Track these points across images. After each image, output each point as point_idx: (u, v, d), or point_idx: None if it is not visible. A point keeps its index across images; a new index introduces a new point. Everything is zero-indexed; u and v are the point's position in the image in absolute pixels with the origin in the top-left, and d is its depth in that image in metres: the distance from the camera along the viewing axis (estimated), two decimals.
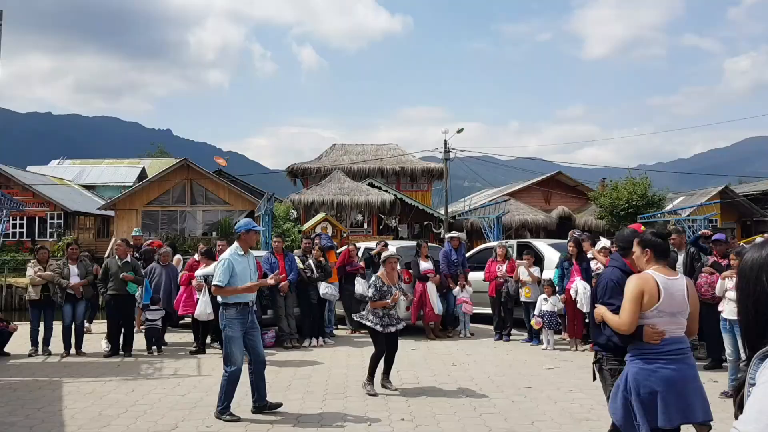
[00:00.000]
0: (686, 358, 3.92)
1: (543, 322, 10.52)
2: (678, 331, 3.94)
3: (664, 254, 4.04)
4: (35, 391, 7.68)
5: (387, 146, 37.20)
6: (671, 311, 3.88)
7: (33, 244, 28.01)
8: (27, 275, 10.31)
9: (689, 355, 3.96)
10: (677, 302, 3.90)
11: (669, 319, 3.89)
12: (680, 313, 3.93)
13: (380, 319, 7.41)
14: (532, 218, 31.33)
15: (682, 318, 3.95)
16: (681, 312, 3.93)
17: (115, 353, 10.07)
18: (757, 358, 1.63)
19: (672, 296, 3.89)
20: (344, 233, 25.57)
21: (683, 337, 3.97)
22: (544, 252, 12.50)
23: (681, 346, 3.92)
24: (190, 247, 23.47)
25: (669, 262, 4.12)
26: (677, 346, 3.90)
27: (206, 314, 9.96)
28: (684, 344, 3.96)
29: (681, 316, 3.94)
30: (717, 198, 32.77)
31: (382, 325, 7.39)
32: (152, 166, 45.43)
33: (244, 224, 6.87)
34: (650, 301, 3.87)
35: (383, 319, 7.42)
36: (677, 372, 3.84)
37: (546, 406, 6.85)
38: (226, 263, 6.60)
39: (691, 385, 3.86)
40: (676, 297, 3.90)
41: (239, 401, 7.07)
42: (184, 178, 30.40)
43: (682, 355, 3.91)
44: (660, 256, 4.02)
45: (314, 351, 10.48)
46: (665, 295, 3.86)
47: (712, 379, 7.95)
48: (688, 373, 3.88)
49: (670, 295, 3.88)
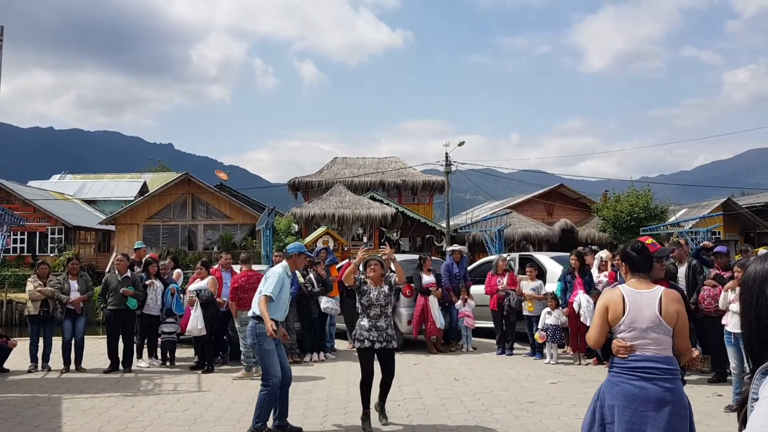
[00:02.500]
0: (658, 379, 3.64)
1: (546, 336, 10.45)
2: (650, 348, 3.70)
3: (638, 268, 3.92)
4: (34, 408, 7.62)
5: (388, 159, 37.24)
6: (640, 326, 3.73)
7: (34, 259, 28.00)
8: (27, 290, 10.28)
9: (666, 378, 3.65)
10: (645, 316, 3.73)
11: (638, 334, 3.73)
12: (651, 329, 3.71)
13: (368, 332, 6.44)
14: (534, 231, 31.27)
15: (655, 334, 3.70)
16: (653, 327, 3.71)
17: (114, 369, 10.02)
18: (760, 372, 1.61)
19: (639, 310, 3.75)
20: (346, 247, 25.53)
21: (661, 356, 3.69)
22: (546, 265, 12.45)
23: (653, 365, 3.67)
24: (192, 262, 23.42)
25: (650, 276, 3.95)
26: (648, 364, 3.68)
27: (197, 329, 9.93)
28: (659, 364, 3.67)
29: (654, 332, 3.71)
30: (720, 210, 32.72)
31: (370, 340, 6.40)
32: (153, 181, 45.55)
33: (297, 247, 7.05)
34: (615, 315, 3.80)
35: (371, 332, 6.43)
36: (640, 390, 3.64)
37: (549, 420, 6.77)
38: (279, 277, 6.62)
39: (652, 408, 3.59)
40: (644, 311, 3.74)
41: (239, 417, 7.01)
42: (186, 192, 30.43)
43: (653, 375, 3.65)
44: (635, 269, 3.93)
45: (315, 366, 10.41)
46: (631, 309, 3.76)
47: (716, 392, 7.89)
48: (654, 395, 3.61)
49: (637, 308, 3.76)
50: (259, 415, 6.30)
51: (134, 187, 44.34)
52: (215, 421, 6.93)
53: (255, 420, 6.31)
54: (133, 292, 10.09)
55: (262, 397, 6.32)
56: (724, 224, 33.06)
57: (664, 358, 3.70)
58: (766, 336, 1.67)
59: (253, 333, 6.51)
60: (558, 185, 38.11)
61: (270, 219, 20.53)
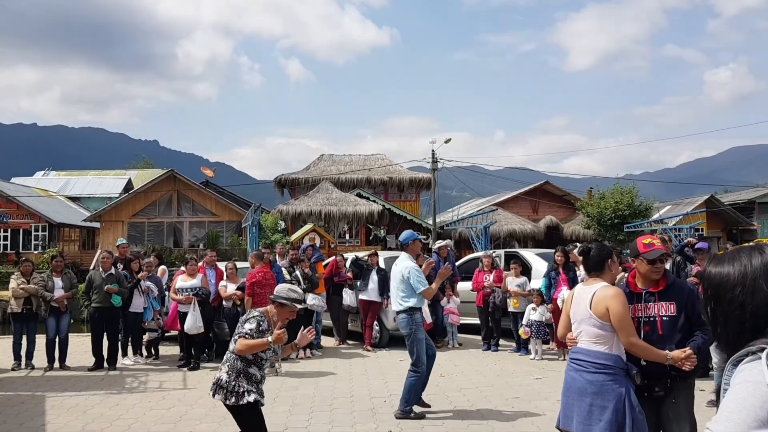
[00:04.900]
0: (584, 371, 3.86)
1: (531, 332, 10.51)
2: (583, 341, 3.93)
3: (588, 268, 4.18)
4: (18, 406, 7.57)
5: (375, 156, 37.21)
6: (577, 319, 4.00)
7: (17, 257, 27.71)
8: (10, 288, 10.18)
9: (590, 371, 3.84)
10: (580, 310, 3.97)
11: (576, 327, 4.02)
12: (584, 321, 3.92)
13: (256, 388, 4.62)
14: (519, 228, 31.41)
15: (586, 326, 3.90)
16: (584, 320, 3.91)
17: (99, 367, 9.96)
18: (731, 363, 1.66)
19: (577, 304, 4.02)
20: (332, 244, 25.51)
21: (590, 350, 3.88)
22: (531, 262, 12.51)
23: (582, 357, 3.90)
24: (177, 259, 23.31)
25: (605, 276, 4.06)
26: (578, 356, 3.95)
27: (196, 328, 9.88)
28: (587, 357, 3.87)
29: (585, 324, 3.91)
30: (703, 207, 33.04)
31: (259, 394, 4.64)
32: (138, 178, 45.17)
33: (410, 235, 7.30)
34: (566, 310, 4.16)
35: (259, 387, 4.67)
36: (570, 380, 3.95)
37: (534, 416, 6.83)
38: (419, 270, 7.01)
39: (576, 397, 3.87)
40: (580, 305, 3.99)
41: (225, 414, 6.99)
42: (171, 189, 30.25)
43: (580, 366, 3.89)
44: (586, 269, 4.24)
45: (301, 362, 10.40)
46: (573, 303, 4.07)
47: (699, 387, 7.95)
48: (577, 386, 3.87)
49: (576, 303, 4.03)
50: (407, 399, 6.77)
51: (119, 184, 43.95)
52: (200, 418, 6.91)
53: (404, 404, 6.78)
54: (117, 290, 10.02)
55: (412, 382, 6.80)
56: (708, 221, 33.39)
57: (593, 351, 3.88)
58: (749, 328, 1.70)
59: (410, 324, 6.89)
60: (543, 182, 38.28)
61: (256, 216, 20.49)
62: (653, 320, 3.98)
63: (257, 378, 4.64)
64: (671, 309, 3.95)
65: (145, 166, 62.34)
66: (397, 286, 7.06)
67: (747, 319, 1.70)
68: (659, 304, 3.99)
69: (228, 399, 4.50)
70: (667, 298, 3.98)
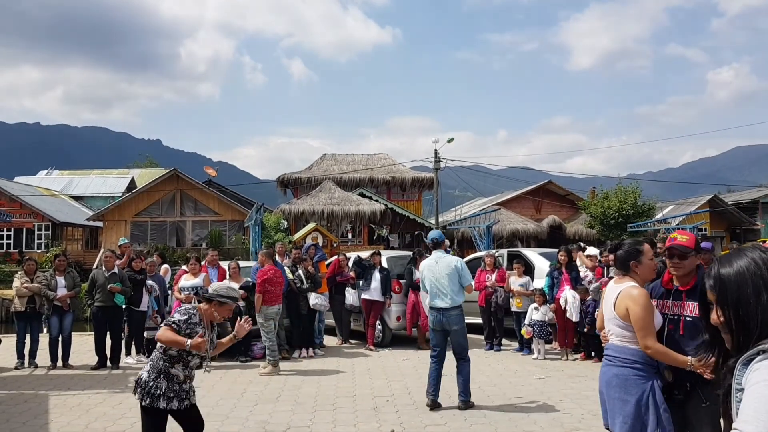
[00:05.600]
0: (611, 365, 3.95)
1: (533, 332, 10.50)
2: (612, 337, 4.01)
3: (617, 266, 4.21)
4: (21, 405, 7.58)
5: (377, 156, 37.22)
6: (606, 317, 4.07)
7: (20, 256, 27.75)
8: (13, 287, 10.20)
9: (617, 365, 3.89)
10: (606, 309, 4.06)
11: (606, 324, 4.07)
12: (611, 320, 3.99)
13: (178, 389, 4.46)
14: (522, 227, 31.38)
15: (612, 325, 3.97)
16: (611, 319, 3.98)
17: (102, 365, 9.98)
18: (741, 363, 1.66)
19: (606, 302, 4.09)
20: (335, 243, 25.51)
21: (617, 345, 3.93)
22: (534, 261, 12.50)
23: (610, 352, 3.99)
24: (180, 258, 23.33)
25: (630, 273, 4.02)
26: (609, 352, 4.02)
27: None
28: (614, 352, 3.94)
29: (611, 323, 3.98)
30: (706, 207, 32.96)
31: (180, 398, 4.46)
32: (141, 177, 45.22)
33: (438, 234, 7.65)
34: (602, 304, 4.23)
35: (183, 387, 4.49)
36: (602, 375, 4.03)
37: (536, 416, 6.82)
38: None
39: (605, 388, 3.96)
40: (607, 304, 4.06)
41: (228, 413, 7.01)
42: (174, 188, 30.29)
43: (609, 361, 3.99)
44: (616, 267, 4.26)
45: (304, 362, 10.41)
46: (603, 300, 4.18)
47: None
48: (605, 378, 3.96)
49: (606, 301, 4.11)
50: (469, 389, 7.21)
51: (122, 183, 44.02)
52: (203, 417, 6.90)
53: (468, 394, 7.18)
54: (120, 289, 10.04)
55: (469, 370, 7.26)
56: (711, 221, 33.32)
57: (622, 347, 3.91)
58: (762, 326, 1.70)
59: (461, 320, 7.22)
60: (546, 182, 38.26)
61: (259, 215, 20.50)
62: (677, 319, 3.83)
63: (180, 378, 4.44)
64: (696, 309, 3.70)
65: (148, 165, 62.42)
66: (448, 283, 7.18)
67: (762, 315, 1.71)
68: (686, 302, 3.81)
69: (144, 399, 4.39)
70: (693, 298, 3.75)
